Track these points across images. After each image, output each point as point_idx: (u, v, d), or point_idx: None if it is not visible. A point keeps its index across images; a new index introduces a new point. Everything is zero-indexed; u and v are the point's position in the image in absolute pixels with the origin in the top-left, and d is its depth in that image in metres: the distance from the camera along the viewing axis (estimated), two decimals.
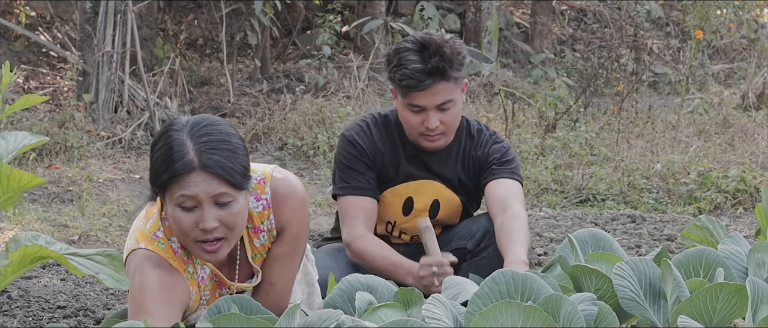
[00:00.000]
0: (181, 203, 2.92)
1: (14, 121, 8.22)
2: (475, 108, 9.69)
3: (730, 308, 2.95)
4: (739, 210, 6.74)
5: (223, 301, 2.82)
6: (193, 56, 11.14)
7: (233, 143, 2.96)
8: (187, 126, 2.96)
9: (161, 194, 2.99)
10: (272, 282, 3.21)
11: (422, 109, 3.80)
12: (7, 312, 4.22)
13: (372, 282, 3.12)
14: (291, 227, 3.19)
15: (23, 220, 6.14)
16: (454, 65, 3.76)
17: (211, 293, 3.17)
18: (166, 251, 3.05)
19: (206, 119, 2.99)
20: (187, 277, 3.08)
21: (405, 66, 3.75)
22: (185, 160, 2.90)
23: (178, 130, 2.95)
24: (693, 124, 9.19)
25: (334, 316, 2.70)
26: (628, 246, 5.62)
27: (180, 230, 2.96)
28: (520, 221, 3.73)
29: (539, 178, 7.45)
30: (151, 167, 2.98)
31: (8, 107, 2.92)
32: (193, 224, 2.94)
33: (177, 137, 2.93)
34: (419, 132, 3.84)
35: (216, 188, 2.91)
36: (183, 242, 3.02)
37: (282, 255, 3.20)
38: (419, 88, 3.75)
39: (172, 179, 2.90)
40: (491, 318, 2.70)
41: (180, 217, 2.93)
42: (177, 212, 2.94)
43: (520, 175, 3.97)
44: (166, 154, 2.91)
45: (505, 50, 12.30)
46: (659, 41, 12.60)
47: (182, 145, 2.91)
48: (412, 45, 3.79)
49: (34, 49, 10.55)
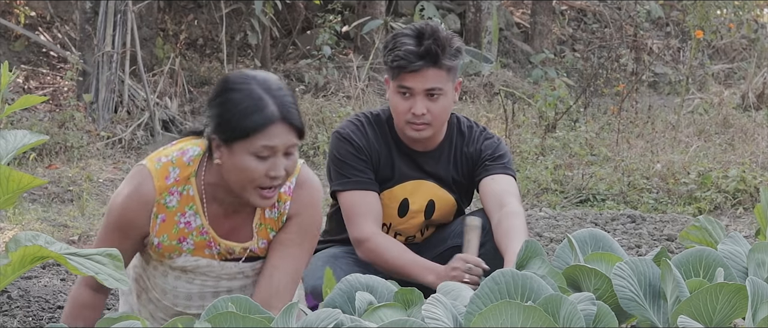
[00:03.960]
0: (259, 153, 3.05)
1: (14, 121, 8.22)
2: (475, 108, 9.70)
3: (730, 308, 2.94)
4: (739, 210, 6.74)
5: (221, 301, 2.82)
6: (193, 56, 11.14)
7: (296, 100, 3.15)
8: (255, 80, 3.08)
9: (226, 143, 3.07)
10: (276, 265, 3.27)
11: (411, 94, 3.79)
12: (7, 312, 4.22)
13: (372, 282, 3.12)
14: (301, 217, 3.28)
15: (23, 220, 6.14)
16: (447, 52, 3.78)
17: (198, 245, 3.24)
18: (159, 175, 3.16)
19: (269, 76, 3.14)
20: (164, 212, 3.18)
21: (399, 48, 3.79)
22: (268, 111, 3.03)
23: (247, 84, 3.07)
24: (693, 124, 9.20)
25: (332, 316, 2.70)
26: (628, 246, 5.62)
27: (247, 177, 3.07)
28: (518, 218, 3.72)
29: (539, 178, 7.45)
30: (219, 117, 3.06)
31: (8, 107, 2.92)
32: (264, 172, 3.06)
33: (255, 90, 3.06)
34: (406, 120, 3.82)
35: (291, 140, 3.08)
36: (239, 187, 3.12)
37: (288, 241, 3.28)
38: (409, 69, 3.76)
39: (257, 129, 3.03)
40: (491, 318, 2.70)
41: (253, 165, 3.06)
42: (250, 160, 3.05)
43: (513, 169, 3.96)
44: (249, 104, 3.03)
45: (505, 50, 12.31)
46: (659, 41, 12.61)
47: (261, 97, 3.05)
48: (409, 31, 3.83)
49: (34, 49, 10.55)
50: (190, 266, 3.26)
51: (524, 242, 3.27)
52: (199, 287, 3.30)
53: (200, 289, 3.30)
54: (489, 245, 3.82)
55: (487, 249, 3.83)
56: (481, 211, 3.96)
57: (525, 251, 3.26)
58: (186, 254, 3.25)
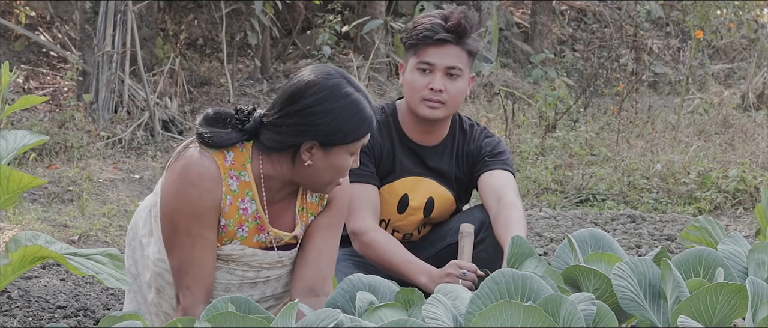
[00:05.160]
0: (354, 151, 3.19)
1: (14, 122, 8.22)
2: (475, 108, 9.70)
3: (730, 308, 2.95)
4: (739, 210, 6.74)
5: (220, 301, 2.82)
6: (193, 56, 11.14)
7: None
8: (345, 81, 3.16)
9: (325, 147, 3.14)
10: (319, 249, 3.31)
11: (430, 71, 3.81)
12: (7, 312, 4.22)
13: (374, 282, 3.12)
14: (338, 201, 3.34)
15: (23, 220, 6.14)
16: (471, 32, 3.83)
17: (250, 233, 3.24)
18: (217, 156, 3.15)
19: (343, 73, 3.20)
20: (230, 195, 3.17)
21: (425, 24, 3.83)
22: (369, 116, 3.16)
23: (344, 86, 3.14)
24: (693, 124, 9.19)
25: (332, 315, 2.70)
26: (628, 246, 5.62)
27: (339, 173, 3.20)
28: (517, 209, 3.74)
29: (539, 178, 7.45)
30: (330, 124, 3.12)
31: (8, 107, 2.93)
32: (350, 165, 3.21)
33: (356, 95, 3.15)
34: (422, 96, 3.83)
35: None
36: (325, 182, 3.22)
37: (328, 224, 3.34)
38: (434, 40, 3.79)
39: (365, 134, 3.16)
40: (491, 318, 2.70)
41: (347, 163, 3.19)
42: (346, 159, 3.18)
43: (512, 166, 3.98)
44: (359, 110, 3.14)
45: (505, 50, 12.31)
46: (659, 41, 12.61)
47: (359, 102, 3.16)
48: (436, 13, 3.88)
49: (34, 49, 10.55)
50: (236, 255, 3.24)
51: (511, 238, 3.29)
52: (240, 278, 3.27)
53: (240, 280, 3.27)
54: (488, 240, 3.83)
55: (487, 244, 3.84)
56: (479, 206, 3.96)
57: (512, 249, 3.27)
58: (236, 242, 3.23)
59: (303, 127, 3.12)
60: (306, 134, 3.12)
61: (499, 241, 3.69)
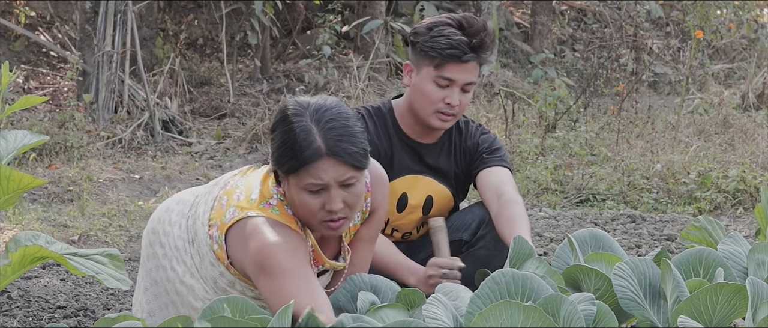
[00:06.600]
0: (309, 188, 2.97)
1: (14, 122, 8.22)
2: (475, 108, 9.69)
3: (730, 308, 2.95)
4: (739, 210, 6.74)
5: (216, 302, 2.82)
6: (193, 56, 11.14)
7: (354, 127, 3.02)
8: (309, 110, 2.98)
9: (284, 176, 3.02)
10: (354, 263, 3.28)
11: (450, 85, 3.80)
12: (7, 312, 4.22)
13: (376, 282, 3.13)
14: (380, 211, 3.29)
15: (23, 220, 6.14)
16: (490, 49, 3.82)
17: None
18: (283, 216, 3.05)
19: (325, 103, 3.02)
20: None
21: (449, 37, 3.76)
22: (313, 147, 2.94)
23: (299, 115, 2.97)
24: (693, 124, 9.19)
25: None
26: (628, 246, 5.62)
27: (306, 211, 3.01)
28: (519, 205, 3.74)
29: (539, 178, 7.45)
30: (275, 151, 3.00)
31: (8, 107, 2.93)
32: (319, 206, 2.99)
33: (301, 123, 2.96)
34: (437, 108, 3.82)
35: (343, 173, 2.98)
36: (306, 220, 3.06)
37: (368, 237, 3.30)
38: (461, 60, 3.75)
39: (302, 166, 2.95)
40: (491, 318, 2.70)
41: (307, 200, 2.99)
42: (303, 195, 2.99)
43: (509, 163, 3.99)
44: (293, 140, 2.95)
45: (505, 50, 12.31)
46: (659, 41, 12.60)
47: (309, 132, 2.95)
48: (450, 21, 3.81)
49: (34, 49, 10.55)
50: None
51: (513, 239, 3.29)
52: None
53: None
54: (488, 237, 3.83)
55: (487, 241, 3.85)
56: (479, 204, 3.97)
57: (513, 249, 3.28)
58: None
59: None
60: (274, 160, 3.05)
61: (503, 238, 3.69)
